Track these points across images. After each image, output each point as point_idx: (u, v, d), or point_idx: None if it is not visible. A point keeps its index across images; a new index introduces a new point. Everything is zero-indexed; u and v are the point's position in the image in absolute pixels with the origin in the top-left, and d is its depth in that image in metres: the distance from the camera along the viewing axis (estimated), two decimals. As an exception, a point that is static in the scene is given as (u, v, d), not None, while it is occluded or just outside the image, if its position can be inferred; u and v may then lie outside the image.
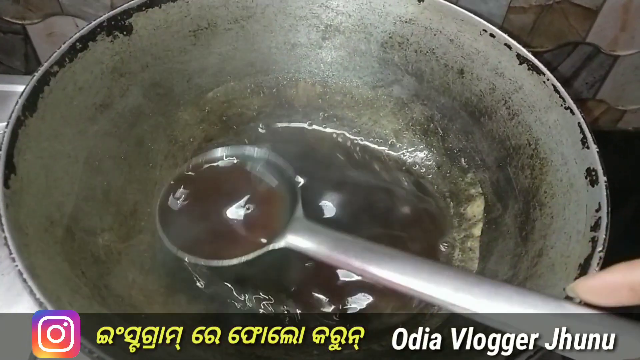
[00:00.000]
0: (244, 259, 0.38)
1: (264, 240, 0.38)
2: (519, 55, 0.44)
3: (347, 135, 0.53)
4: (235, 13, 0.49)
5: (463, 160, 0.49)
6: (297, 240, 0.37)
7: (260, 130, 0.52)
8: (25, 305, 0.44)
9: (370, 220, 0.47)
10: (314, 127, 0.53)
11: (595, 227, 0.36)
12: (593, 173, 0.38)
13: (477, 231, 0.46)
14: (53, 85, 0.39)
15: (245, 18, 0.49)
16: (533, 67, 0.44)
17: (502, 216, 0.45)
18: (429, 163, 0.51)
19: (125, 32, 0.44)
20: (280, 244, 0.37)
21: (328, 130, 0.53)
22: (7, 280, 0.46)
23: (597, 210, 0.36)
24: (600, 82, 0.63)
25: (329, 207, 0.47)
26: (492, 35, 0.46)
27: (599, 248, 0.35)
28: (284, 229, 0.37)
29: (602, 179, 0.37)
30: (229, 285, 0.42)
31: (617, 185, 0.37)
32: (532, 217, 0.41)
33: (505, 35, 0.45)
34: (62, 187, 0.39)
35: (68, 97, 0.41)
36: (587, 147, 0.39)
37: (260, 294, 0.42)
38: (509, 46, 0.45)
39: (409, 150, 0.52)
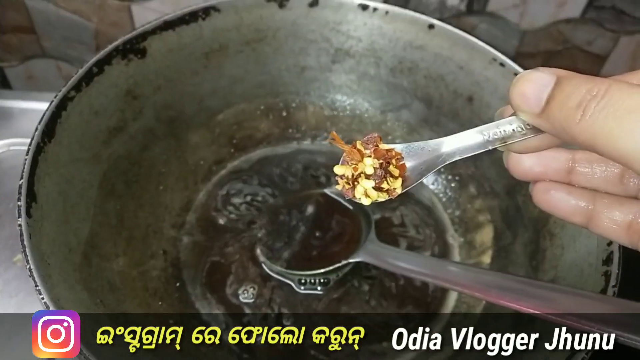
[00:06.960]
0: (327, 269, 0.44)
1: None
2: (528, 86, 0.45)
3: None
4: (247, 36, 0.49)
5: (471, 186, 0.50)
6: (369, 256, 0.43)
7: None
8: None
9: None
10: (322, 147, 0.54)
11: (607, 261, 0.36)
12: (604, 206, 0.38)
13: (486, 258, 0.46)
14: (70, 110, 0.39)
15: (257, 41, 0.50)
16: (543, 98, 0.44)
17: (512, 244, 0.45)
18: (437, 189, 0.51)
19: (139, 55, 0.44)
20: (357, 258, 0.44)
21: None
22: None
23: (608, 244, 0.37)
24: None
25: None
26: (502, 64, 0.46)
27: (612, 283, 0.35)
28: (361, 247, 0.44)
29: (614, 213, 0.38)
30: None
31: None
32: (542, 246, 0.42)
33: (515, 65, 0.46)
34: (79, 213, 0.39)
35: (84, 122, 0.41)
36: (598, 181, 0.40)
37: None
38: (518, 76, 0.45)
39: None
